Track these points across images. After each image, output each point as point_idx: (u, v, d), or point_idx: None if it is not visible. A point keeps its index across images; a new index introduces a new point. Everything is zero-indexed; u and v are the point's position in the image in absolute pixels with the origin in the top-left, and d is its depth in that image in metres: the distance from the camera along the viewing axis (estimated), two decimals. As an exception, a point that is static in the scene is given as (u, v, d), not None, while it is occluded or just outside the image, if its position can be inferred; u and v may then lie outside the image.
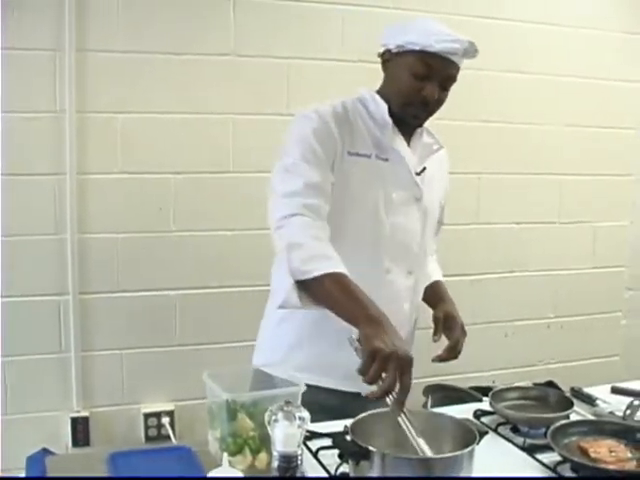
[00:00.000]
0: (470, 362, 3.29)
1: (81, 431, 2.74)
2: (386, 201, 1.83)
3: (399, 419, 1.40)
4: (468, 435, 1.42)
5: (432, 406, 1.94)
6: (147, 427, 2.84)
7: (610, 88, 3.48)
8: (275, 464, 1.21)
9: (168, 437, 2.82)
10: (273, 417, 1.22)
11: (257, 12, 2.79)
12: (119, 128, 2.71)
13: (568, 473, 1.53)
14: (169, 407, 2.86)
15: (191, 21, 2.75)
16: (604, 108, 3.48)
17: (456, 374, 3.23)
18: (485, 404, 1.92)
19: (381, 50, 1.85)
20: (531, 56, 3.31)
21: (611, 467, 1.52)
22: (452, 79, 1.81)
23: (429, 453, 1.35)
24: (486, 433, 1.49)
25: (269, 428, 1.23)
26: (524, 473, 1.57)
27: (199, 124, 2.78)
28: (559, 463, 1.56)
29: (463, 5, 3.15)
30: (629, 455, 1.58)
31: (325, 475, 1.49)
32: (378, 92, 1.88)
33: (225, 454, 1.26)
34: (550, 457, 1.61)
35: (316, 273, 1.57)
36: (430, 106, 1.81)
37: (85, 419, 2.76)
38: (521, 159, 3.36)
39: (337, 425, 1.69)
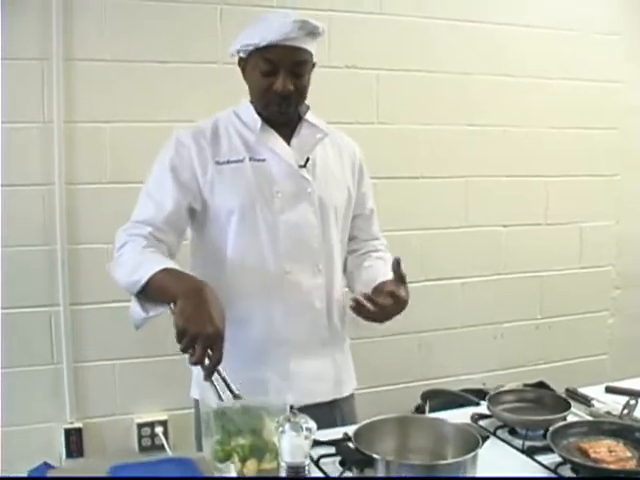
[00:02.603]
0: (460, 364, 3.33)
1: (75, 442, 2.72)
2: (270, 201, 1.83)
3: (210, 383, 1.52)
4: (470, 440, 1.43)
5: (430, 411, 1.94)
6: (141, 437, 2.82)
7: (592, 89, 3.51)
8: (283, 474, 1.21)
9: (162, 447, 2.80)
10: (280, 428, 1.22)
11: (244, 20, 2.73)
12: (108, 138, 2.70)
13: (568, 474, 1.54)
14: (162, 417, 2.85)
15: (179, 30, 2.74)
16: (587, 109, 3.51)
17: (447, 377, 3.26)
18: (482, 408, 1.93)
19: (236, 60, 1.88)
20: (515, 59, 3.34)
21: (612, 467, 1.54)
22: (301, 64, 1.79)
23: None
24: (487, 438, 1.50)
25: (276, 439, 1.23)
26: (526, 475, 1.57)
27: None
28: (560, 464, 1.57)
29: (450, 9, 3.17)
30: (628, 454, 1.59)
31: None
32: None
33: (232, 465, 1.25)
34: (550, 459, 1.62)
35: (144, 279, 1.63)
36: (290, 98, 1.80)
37: (78, 430, 2.73)
38: (507, 161, 3.38)
39: (336, 433, 1.69)
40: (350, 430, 1.69)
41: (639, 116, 3.58)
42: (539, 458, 1.64)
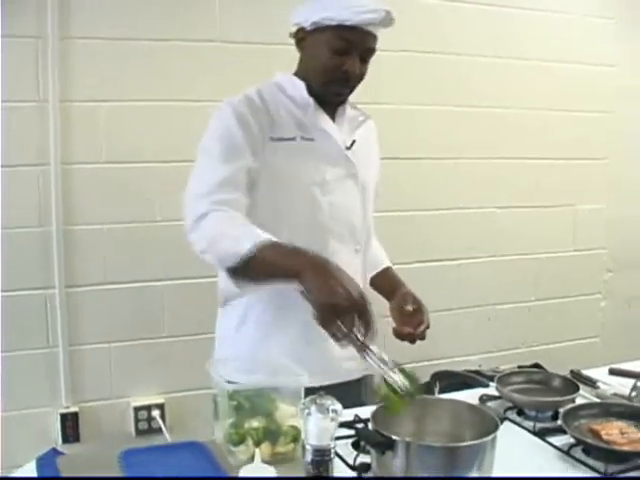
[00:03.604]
0: (456, 346, 3.33)
1: (71, 427, 2.69)
2: (320, 181, 1.80)
3: (367, 358, 1.41)
4: (487, 421, 1.42)
5: (439, 392, 1.94)
6: (137, 421, 2.79)
7: (585, 72, 3.51)
8: (309, 458, 1.20)
9: (159, 430, 2.78)
10: (306, 410, 1.20)
11: (243, -1, 2.75)
12: (104, 117, 2.65)
13: (579, 455, 1.54)
14: (159, 400, 2.82)
15: (176, 7, 2.69)
16: (580, 92, 3.51)
17: (443, 358, 3.26)
18: (490, 389, 1.94)
19: (293, 29, 1.81)
20: (507, 41, 3.32)
21: (625, 448, 1.54)
22: (372, 50, 1.78)
23: (406, 385, 1.40)
24: (505, 419, 1.49)
25: (301, 421, 1.21)
26: (537, 456, 1.58)
27: (185, 112, 2.72)
28: (572, 446, 1.57)
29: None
30: (640, 436, 1.60)
31: (343, 465, 1.48)
32: (296, 73, 1.85)
33: (257, 450, 1.23)
34: (560, 440, 1.62)
35: (245, 250, 1.54)
36: (352, 81, 1.79)
37: (75, 415, 2.70)
38: (501, 144, 3.37)
39: (348, 414, 1.66)
40: (361, 412, 1.69)
41: (631, 99, 3.58)
42: (550, 440, 1.63)
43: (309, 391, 1.45)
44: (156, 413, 2.80)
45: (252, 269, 1.57)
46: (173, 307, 2.82)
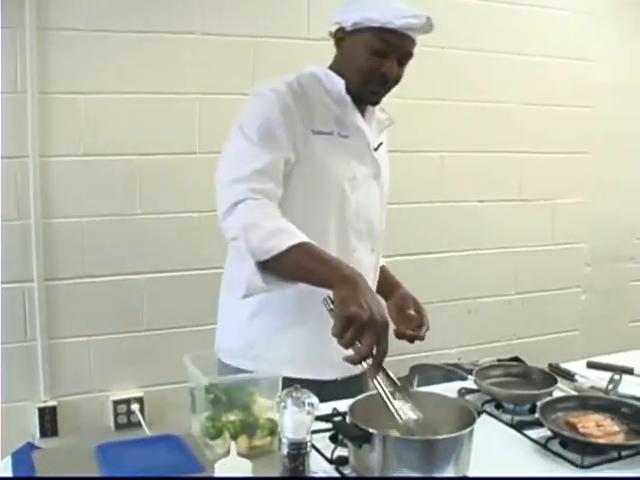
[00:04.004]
0: (436, 339, 3.32)
1: (49, 421, 2.68)
2: (350, 178, 1.81)
3: (374, 382, 1.39)
4: (465, 414, 1.43)
5: (418, 385, 1.94)
6: (116, 414, 2.78)
7: (568, 67, 3.52)
8: (285, 451, 1.19)
9: (138, 424, 2.78)
10: (282, 404, 1.19)
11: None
12: (83, 109, 2.63)
13: (556, 448, 1.55)
14: (138, 393, 2.81)
15: (156, -1, 2.68)
16: (562, 86, 3.52)
17: (423, 352, 3.26)
18: (468, 382, 1.94)
19: (333, 28, 1.81)
20: (490, 35, 3.33)
21: (601, 441, 1.55)
22: (410, 55, 1.79)
23: (409, 415, 1.37)
24: (482, 412, 1.50)
25: (278, 415, 1.20)
26: (515, 449, 1.58)
27: (165, 104, 2.72)
28: (549, 439, 1.58)
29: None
30: (616, 429, 1.61)
31: (321, 458, 1.48)
32: (331, 69, 1.85)
33: (233, 443, 1.23)
34: (537, 433, 1.63)
35: (279, 249, 1.52)
36: (389, 82, 1.80)
37: (53, 409, 2.69)
38: (482, 137, 3.38)
39: (326, 408, 1.66)
40: (339, 405, 1.69)
41: (612, 94, 3.60)
42: (527, 432, 1.64)
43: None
44: (135, 407, 2.80)
45: (283, 268, 1.56)
46: (152, 300, 2.81)
